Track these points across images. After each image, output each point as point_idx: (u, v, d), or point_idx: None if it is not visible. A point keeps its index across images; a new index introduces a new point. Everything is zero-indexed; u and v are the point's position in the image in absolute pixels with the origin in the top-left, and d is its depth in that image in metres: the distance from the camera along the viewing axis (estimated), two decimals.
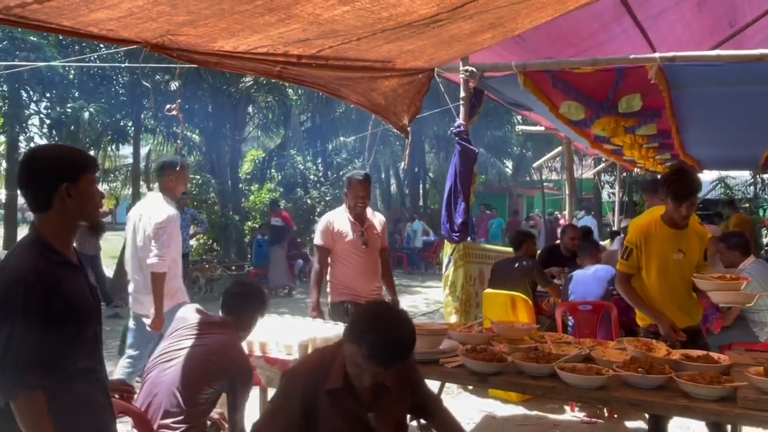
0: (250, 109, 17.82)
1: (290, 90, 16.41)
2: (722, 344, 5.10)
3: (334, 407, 2.30)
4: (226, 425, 3.26)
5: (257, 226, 15.41)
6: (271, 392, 3.97)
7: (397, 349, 2.24)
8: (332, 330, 4.20)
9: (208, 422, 3.08)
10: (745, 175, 18.01)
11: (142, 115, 13.53)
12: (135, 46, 3.46)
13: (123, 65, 11.37)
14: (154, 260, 4.44)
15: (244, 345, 3.45)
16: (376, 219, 4.98)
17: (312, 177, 19.63)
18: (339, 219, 4.82)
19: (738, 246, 5.47)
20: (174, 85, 13.24)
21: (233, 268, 14.09)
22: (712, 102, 6.16)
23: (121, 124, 13.20)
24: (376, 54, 4.66)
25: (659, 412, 3.19)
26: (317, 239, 4.84)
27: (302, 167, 19.31)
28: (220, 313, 3.20)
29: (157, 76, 12.47)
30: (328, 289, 4.86)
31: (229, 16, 3.27)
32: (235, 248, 15.62)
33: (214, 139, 15.86)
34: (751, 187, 18.27)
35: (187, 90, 13.78)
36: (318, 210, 18.37)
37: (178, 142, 14.77)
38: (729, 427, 2.78)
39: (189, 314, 3.18)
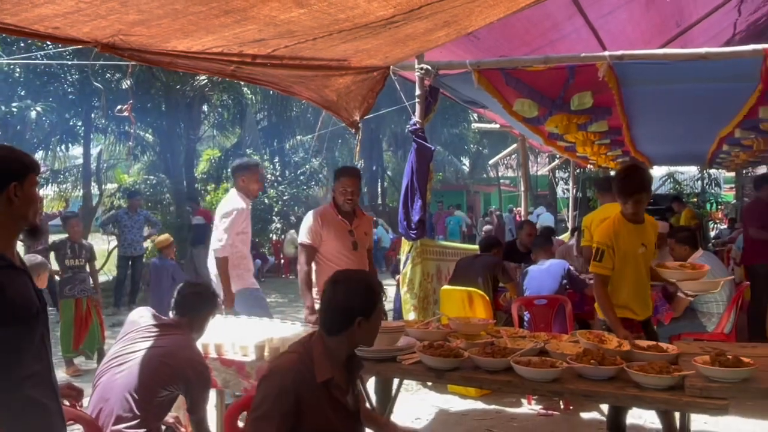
0: (205, 108, 17.56)
1: (246, 89, 16.23)
2: (672, 335, 5.26)
3: (325, 399, 2.28)
4: (182, 429, 3.21)
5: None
6: (227, 394, 3.93)
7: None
8: (289, 330, 4.18)
9: (163, 427, 3.03)
10: (692, 170, 18.59)
11: (92, 115, 13.20)
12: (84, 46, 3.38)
13: (71, 63, 11.07)
14: (216, 245, 4.90)
15: (198, 346, 3.41)
16: (365, 219, 4.73)
17: (269, 176, 19.46)
18: (327, 216, 4.52)
19: (687, 240, 5.66)
20: (126, 84, 12.96)
21: None
22: (660, 99, 6.32)
23: (71, 123, 12.86)
24: (332, 53, 4.64)
25: (611, 402, 3.26)
26: (303, 237, 4.53)
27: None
28: (172, 315, 3.15)
29: (108, 74, 12.19)
30: (315, 295, 4.51)
31: (183, 17, 3.21)
32: (190, 249, 15.36)
33: (168, 138, 15.57)
34: (699, 182, 18.87)
35: (140, 89, 13.51)
36: (276, 209, 18.24)
37: (131, 142, 14.47)
38: (677, 414, 2.86)
39: (141, 317, 3.12)
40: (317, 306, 4.35)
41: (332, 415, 2.30)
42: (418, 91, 5.53)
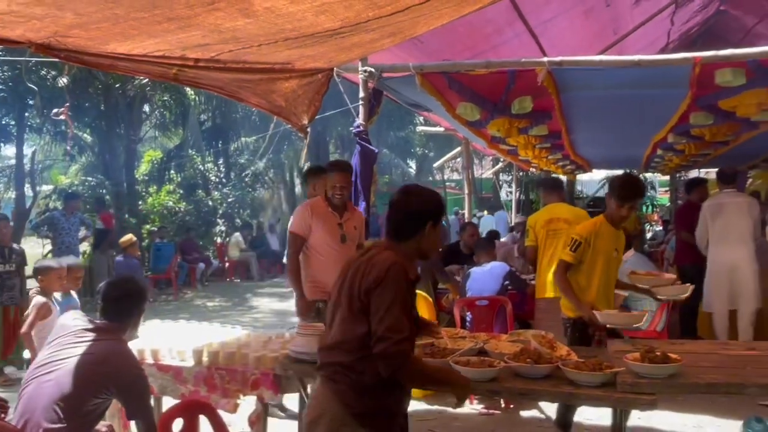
0: (146, 108, 17.14)
1: (188, 89, 15.91)
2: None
3: (411, 296, 2.49)
4: None
5: (155, 229, 14.86)
6: (165, 401, 3.83)
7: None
8: (230, 333, 4.11)
9: None
10: None
11: (26, 114, 12.71)
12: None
13: (2, 58, 10.64)
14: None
15: (135, 352, 3.31)
16: (356, 214, 4.77)
17: (213, 178, 19.17)
18: (317, 208, 4.57)
19: None
20: (62, 82, 12.53)
21: None
22: (597, 104, 6.49)
23: (2, 122, 12.34)
24: (276, 57, 4.61)
25: (547, 400, 3.33)
26: (292, 226, 4.57)
27: (203, 168, 18.82)
28: (100, 319, 3.02)
29: (43, 72, 11.75)
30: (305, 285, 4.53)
31: (124, 22, 3.12)
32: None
33: (107, 139, 15.12)
34: None
35: (77, 87, 13.09)
36: (220, 211, 17.96)
37: (68, 144, 14.01)
38: (612, 410, 2.93)
39: (69, 321, 2.99)
40: (311, 297, 4.45)
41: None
42: (361, 94, 5.54)
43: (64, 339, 2.87)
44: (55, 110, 4.09)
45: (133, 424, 2.91)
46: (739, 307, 6.05)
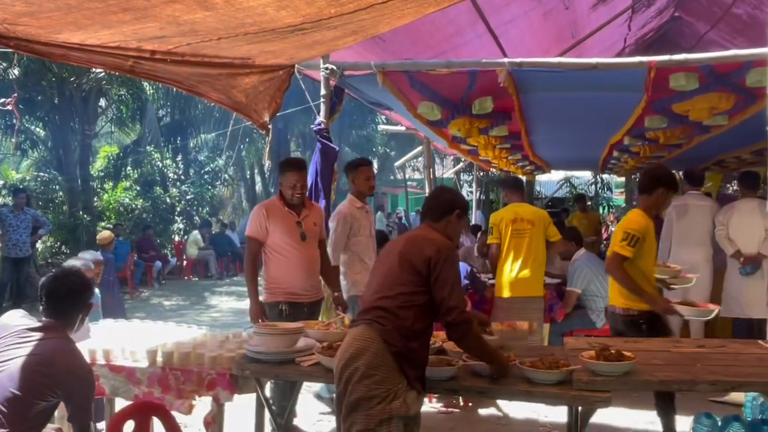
0: (102, 102, 16.72)
1: (146, 84, 15.60)
2: (564, 331, 5.49)
3: None
4: None
5: (111, 226, 14.52)
6: (118, 402, 3.74)
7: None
8: (186, 333, 4.03)
9: None
10: (587, 175, 19.55)
11: None
12: None
13: None
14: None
15: (85, 352, 3.22)
16: (314, 209, 4.67)
17: (171, 175, 18.84)
18: (273, 208, 4.45)
19: (574, 238, 6.06)
20: (13, 74, 12.14)
21: None
22: (556, 106, 6.57)
23: None
24: (236, 52, 4.53)
25: (504, 398, 3.36)
26: (248, 229, 4.46)
27: (161, 164, 18.48)
28: (44, 316, 2.88)
29: None
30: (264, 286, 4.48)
31: (77, 11, 3.02)
32: (86, 250, 14.57)
33: (61, 133, 14.71)
34: (593, 186, 19.88)
35: (29, 79, 12.71)
36: (178, 209, 17.66)
37: (14, 138, 13.58)
38: (567, 408, 2.96)
39: (12, 320, 2.86)
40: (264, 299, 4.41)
41: None
42: (323, 91, 5.49)
43: (6, 340, 2.74)
44: (2, 100, 3.92)
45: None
46: None
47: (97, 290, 4.63)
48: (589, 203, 18.95)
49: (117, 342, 3.59)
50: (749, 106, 5.56)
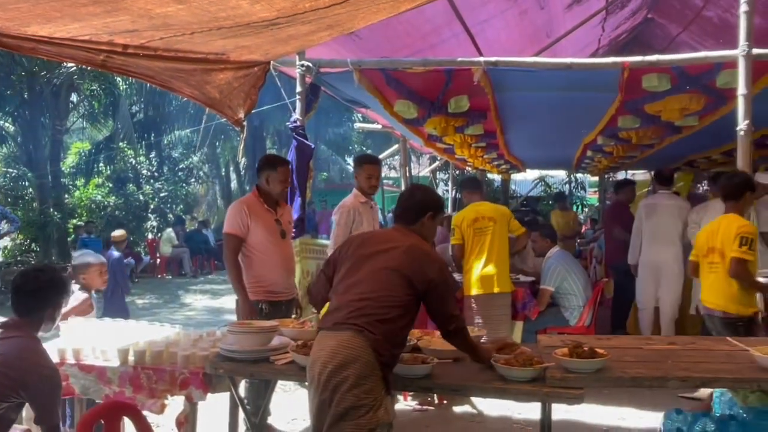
0: (73, 97, 16.44)
1: (119, 79, 15.36)
2: (538, 329, 5.53)
3: None
4: None
5: (82, 223, 14.30)
6: (89, 402, 3.67)
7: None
8: (158, 331, 3.97)
9: None
10: (561, 174, 19.74)
11: None
12: None
13: None
14: None
15: (54, 351, 3.16)
16: (287, 209, 4.66)
17: (145, 172, 18.61)
18: (253, 206, 4.37)
19: (549, 236, 6.13)
20: None
21: None
22: (531, 105, 6.61)
23: None
24: (210, 47, 4.47)
25: (479, 395, 3.37)
26: (228, 226, 4.34)
27: (134, 161, 18.24)
28: (12, 313, 2.80)
29: None
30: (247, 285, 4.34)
31: (45, 3, 2.95)
32: (56, 248, 14.33)
33: (31, 129, 14.43)
34: (567, 185, 20.08)
35: None
36: (152, 206, 17.44)
37: None
38: (540, 404, 2.98)
39: None
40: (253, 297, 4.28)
41: None
42: (298, 89, 5.46)
43: None
44: None
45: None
46: (662, 305, 6.29)
47: (94, 293, 4.54)
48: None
49: (87, 341, 3.52)
50: (719, 107, 5.65)
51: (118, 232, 9.47)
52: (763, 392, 3.11)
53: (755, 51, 4.53)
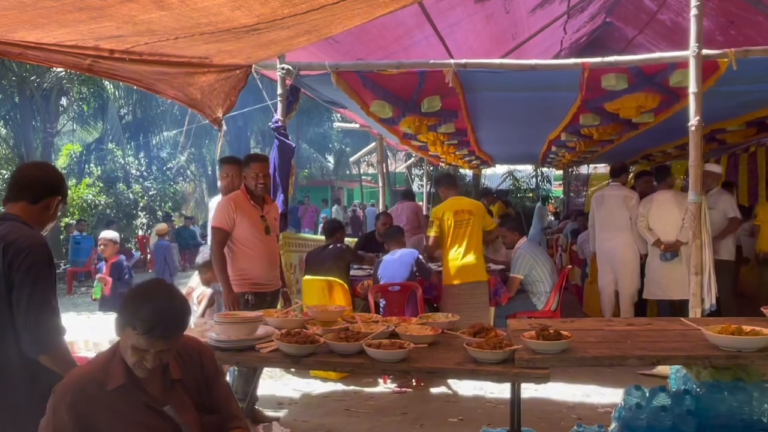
0: (63, 100, 16.15)
1: (107, 82, 15.13)
2: (508, 314, 5.58)
3: (121, 407, 1.99)
4: None
5: (74, 222, 14.08)
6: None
7: (170, 313, 2.01)
8: None
9: None
10: (529, 168, 19.88)
11: None
12: None
13: None
14: None
15: None
16: (273, 206, 4.62)
17: (134, 171, 18.38)
18: (240, 202, 4.34)
19: (516, 228, 6.17)
20: None
21: None
22: (499, 104, 6.66)
23: None
24: (194, 51, 4.43)
25: (453, 377, 3.39)
26: (216, 221, 4.31)
27: (123, 161, 18.00)
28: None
29: None
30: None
31: (32, 10, 2.89)
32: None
33: (22, 131, 14.16)
34: (534, 179, 20.23)
35: None
36: (141, 204, 17.23)
37: None
38: (510, 384, 3.00)
39: None
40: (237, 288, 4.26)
41: (137, 421, 2.08)
42: (279, 90, 5.43)
43: None
44: None
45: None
46: (621, 288, 6.36)
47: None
48: (531, 195, 19.33)
49: (80, 334, 3.48)
50: (673, 105, 5.74)
51: (160, 226, 10.53)
52: (714, 368, 3.16)
53: (705, 51, 4.60)
